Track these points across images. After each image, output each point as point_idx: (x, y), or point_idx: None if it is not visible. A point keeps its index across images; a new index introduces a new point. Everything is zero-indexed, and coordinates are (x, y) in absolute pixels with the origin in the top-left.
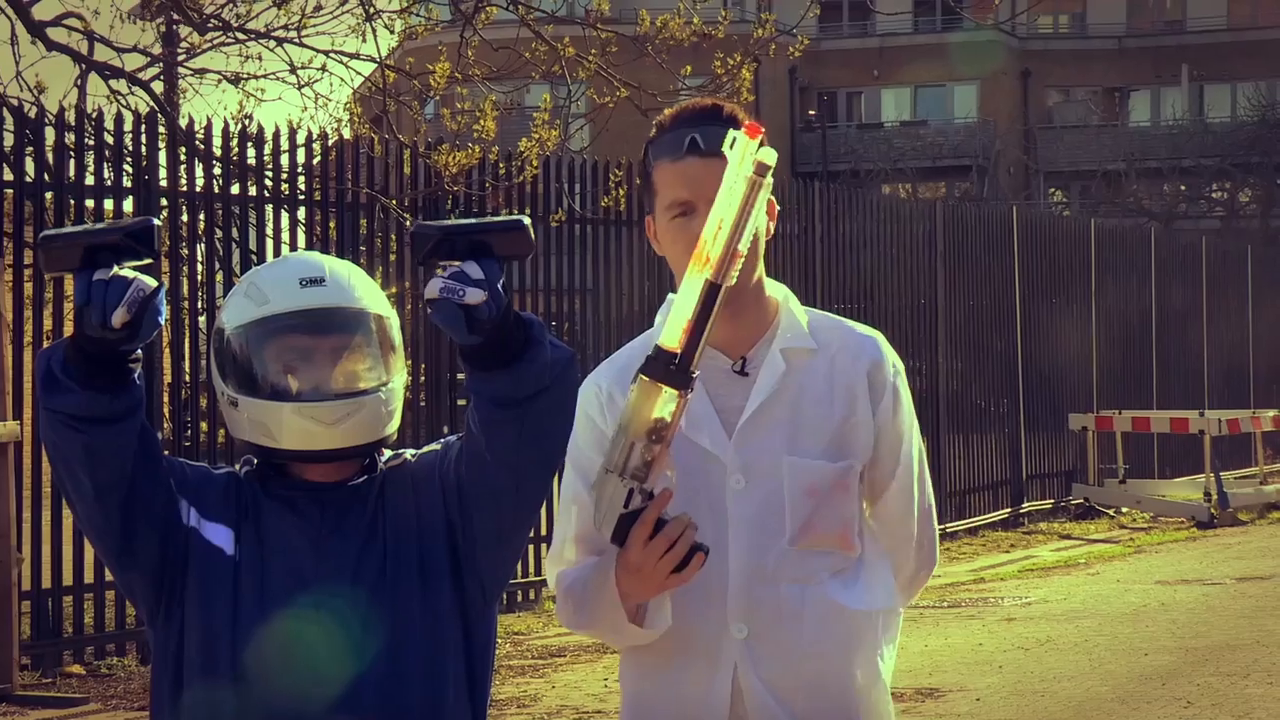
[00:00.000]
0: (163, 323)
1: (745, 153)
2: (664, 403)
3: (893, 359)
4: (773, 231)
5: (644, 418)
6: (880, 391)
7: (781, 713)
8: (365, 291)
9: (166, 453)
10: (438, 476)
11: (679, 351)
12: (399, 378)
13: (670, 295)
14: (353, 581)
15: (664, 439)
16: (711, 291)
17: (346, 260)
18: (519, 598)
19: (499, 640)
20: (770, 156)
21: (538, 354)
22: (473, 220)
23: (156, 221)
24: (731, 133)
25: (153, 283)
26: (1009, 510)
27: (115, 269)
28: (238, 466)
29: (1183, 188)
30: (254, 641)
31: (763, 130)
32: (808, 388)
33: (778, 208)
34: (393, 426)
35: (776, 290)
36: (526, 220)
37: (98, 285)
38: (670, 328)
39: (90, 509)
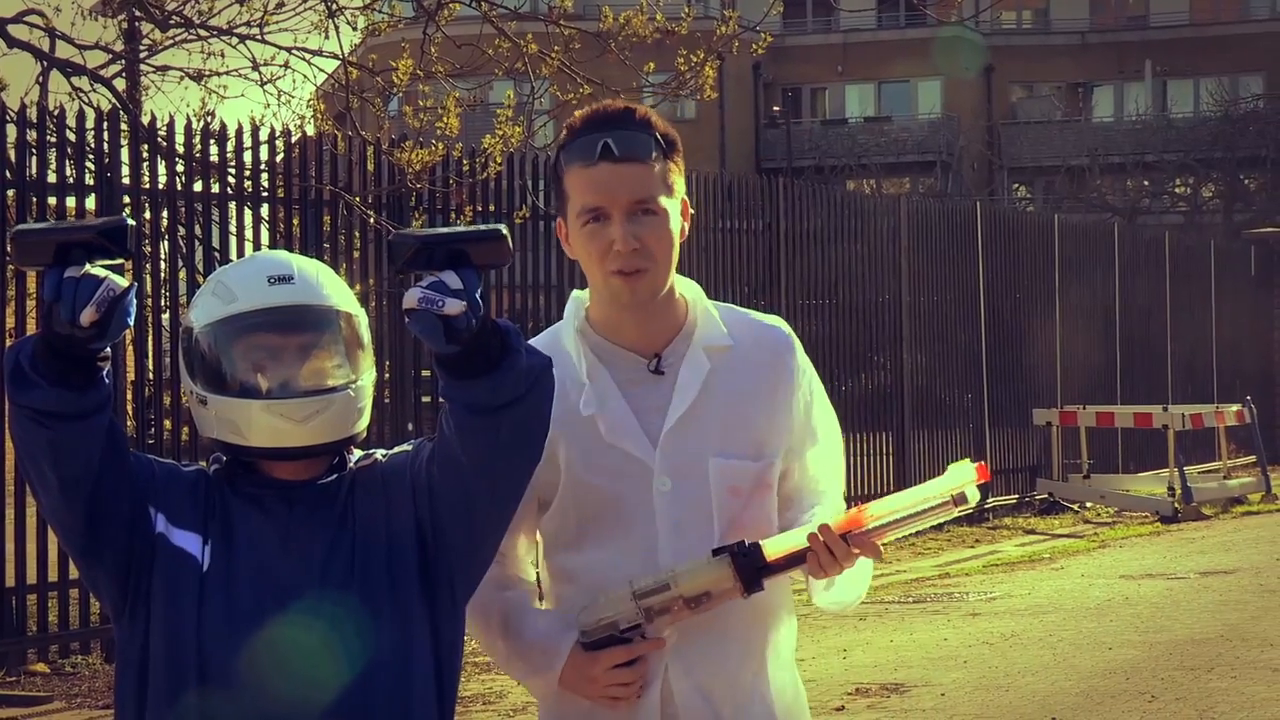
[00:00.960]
0: (131, 323)
1: (959, 480)
2: (723, 585)
3: (799, 349)
4: (685, 233)
5: (698, 584)
6: (796, 382)
7: (711, 717)
8: (333, 289)
9: (134, 447)
10: (408, 476)
11: (769, 564)
12: (368, 375)
13: (576, 292)
14: (320, 580)
15: (696, 609)
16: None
17: (313, 258)
18: None
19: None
20: (974, 498)
21: (514, 361)
22: (451, 229)
23: (130, 221)
24: (968, 464)
25: (123, 282)
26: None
27: (87, 267)
28: (206, 464)
29: (1146, 183)
30: (220, 644)
31: (989, 477)
32: (729, 386)
33: (692, 211)
34: (362, 424)
35: (688, 289)
36: (505, 229)
37: (68, 283)
38: (780, 541)
39: (55, 503)
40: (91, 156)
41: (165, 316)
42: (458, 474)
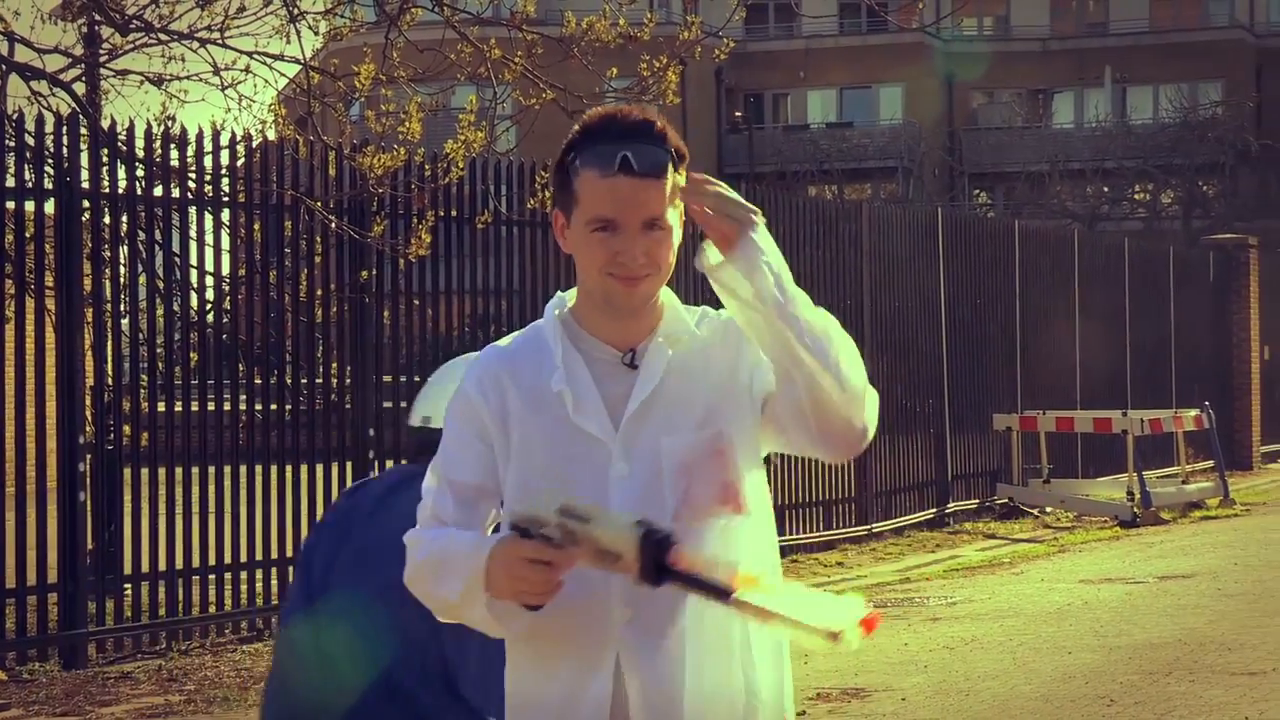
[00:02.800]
0: None
1: (847, 617)
2: (627, 556)
3: None
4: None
5: (610, 540)
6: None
7: (660, 699)
8: None
9: (90, 458)
10: None
11: (672, 568)
12: None
13: (560, 293)
14: None
15: (601, 563)
16: (721, 595)
17: (274, 262)
18: None
19: None
20: (851, 643)
21: None
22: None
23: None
24: (862, 604)
25: None
26: (934, 510)
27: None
28: None
29: (1105, 189)
30: None
31: (876, 626)
32: (687, 367)
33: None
34: None
35: (664, 294)
36: None
37: None
38: (697, 560)
39: None
40: (51, 161)
41: (125, 322)
42: None
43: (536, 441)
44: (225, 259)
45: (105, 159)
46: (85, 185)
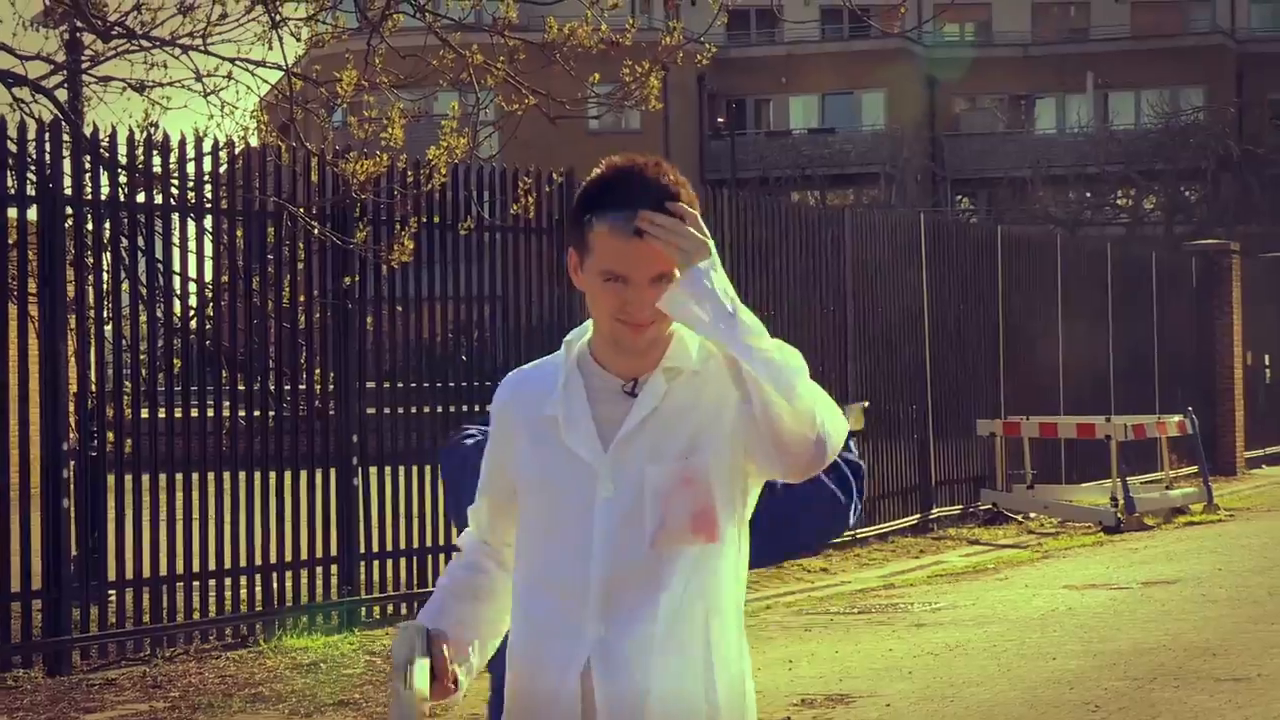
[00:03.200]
0: None
1: None
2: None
3: None
4: None
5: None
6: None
7: (623, 701)
8: None
9: (74, 464)
10: None
11: None
12: None
13: (588, 322)
14: None
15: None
16: None
17: (256, 269)
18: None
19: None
20: None
21: None
22: None
23: None
24: None
25: None
26: (918, 516)
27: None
28: None
29: (1088, 194)
30: None
31: None
32: (682, 398)
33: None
34: None
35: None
36: None
37: None
38: None
39: None
40: (33, 167)
41: (108, 328)
42: None
43: (532, 464)
44: (208, 265)
45: (88, 165)
46: (68, 192)
